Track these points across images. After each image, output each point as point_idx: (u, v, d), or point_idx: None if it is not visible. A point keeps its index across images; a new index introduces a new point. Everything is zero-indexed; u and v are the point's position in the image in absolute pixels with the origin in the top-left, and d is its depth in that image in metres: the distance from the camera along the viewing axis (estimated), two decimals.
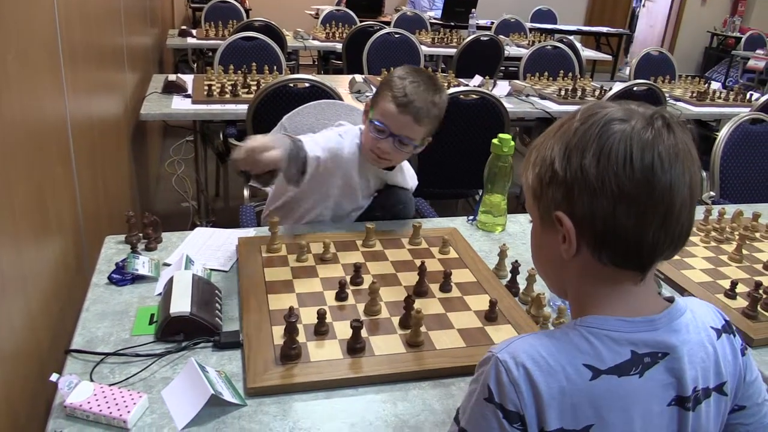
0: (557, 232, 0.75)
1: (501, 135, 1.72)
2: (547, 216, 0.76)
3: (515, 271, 1.46)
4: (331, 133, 1.69)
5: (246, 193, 2.43)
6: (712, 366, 0.78)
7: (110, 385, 1.03)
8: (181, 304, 1.18)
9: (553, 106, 3.49)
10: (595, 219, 0.71)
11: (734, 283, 1.47)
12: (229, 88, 3.06)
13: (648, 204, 0.68)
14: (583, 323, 0.73)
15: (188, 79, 3.32)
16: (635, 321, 0.74)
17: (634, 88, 3.39)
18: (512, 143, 1.71)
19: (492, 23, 6.58)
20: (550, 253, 0.78)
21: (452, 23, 6.35)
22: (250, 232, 1.67)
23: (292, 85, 2.56)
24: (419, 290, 1.39)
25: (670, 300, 0.79)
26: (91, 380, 1.05)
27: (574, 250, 0.74)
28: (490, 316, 1.29)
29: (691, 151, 0.72)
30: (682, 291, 1.49)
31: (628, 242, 0.70)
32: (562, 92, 3.68)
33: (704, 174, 2.76)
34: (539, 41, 5.71)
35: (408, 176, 1.83)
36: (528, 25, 6.74)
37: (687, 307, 0.79)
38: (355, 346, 1.16)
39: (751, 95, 4.10)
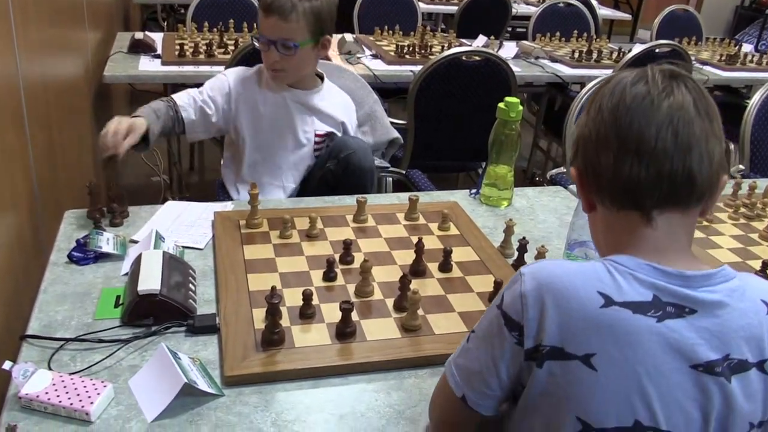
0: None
1: (508, 98, 1.70)
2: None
3: (523, 249, 1.46)
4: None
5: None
6: (755, 339, 0.78)
7: (71, 374, 1.03)
8: (151, 283, 1.18)
9: (565, 70, 3.47)
10: (587, 166, 0.84)
11: (765, 264, 1.47)
12: (204, 47, 3.03)
13: (618, 141, 0.79)
14: (609, 259, 0.80)
15: (157, 37, 3.27)
16: (666, 270, 0.77)
17: (656, 50, 3.36)
18: (520, 108, 1.70)
19: None
20: (589, 221, 0.90)
21: None
22: (227, 205, 1.67)
23: None
24: (416, 269, 1.39)
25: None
26: (50, 368, 1.05)
27: (586, 202, 0.86)
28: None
29: (693, 102, 0.80)
30: None
31: (615, 180, 0.80)
32: (576, 54, 3.66)
33: (732, 146, 2.76)
34: None
35: (350, 111, 1.90)
36: None
37: (737, 276, 0.81)
38: (344, 331, 1.16)
39: None
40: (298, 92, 1.87)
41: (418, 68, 2.79)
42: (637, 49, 3.44)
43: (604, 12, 5.76)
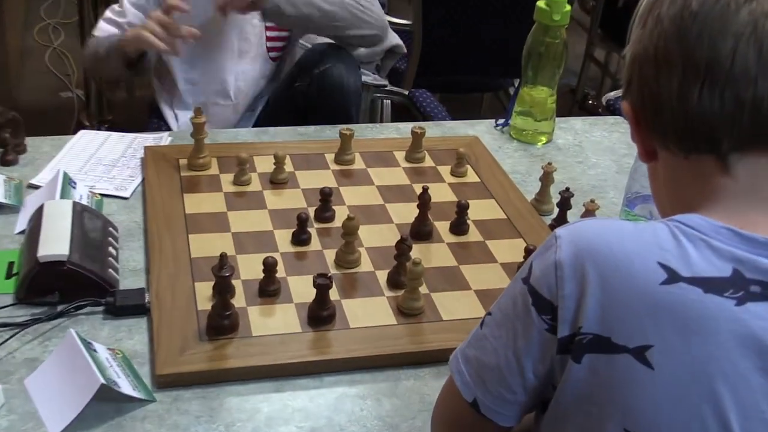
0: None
1: None
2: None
3: (565, 203, 1.45)
4: None
5: None
6: None
7: None
8: (56, 246, 1.17)
9: None
10: (644, 97, 0.83)
11: None
12: None
13: (683, 60, 0.78)
14: (675, 219, 0.79)
15: None
16: (752, 237, 0.76)
17: None
18: (568, 7, 1.67)
19: None
20: (651, 174, 0.91)
21: None
22: (162, 138, 1.65)
23: None
24: (419, 230, 1.39)
25: None
26: None
27: (641, 148, 0.87)
28: None
29: None
30: None
31: (681, 115, 0.80)
32: None
33: None
34: None
35: (327, 4, 1.85)
36: None
37: None
38: (320, 314, 1.16)
39: None
40: None
41: None
42: None
43: None
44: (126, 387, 1.02)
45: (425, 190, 1.39)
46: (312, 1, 1.79)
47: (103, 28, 1.89)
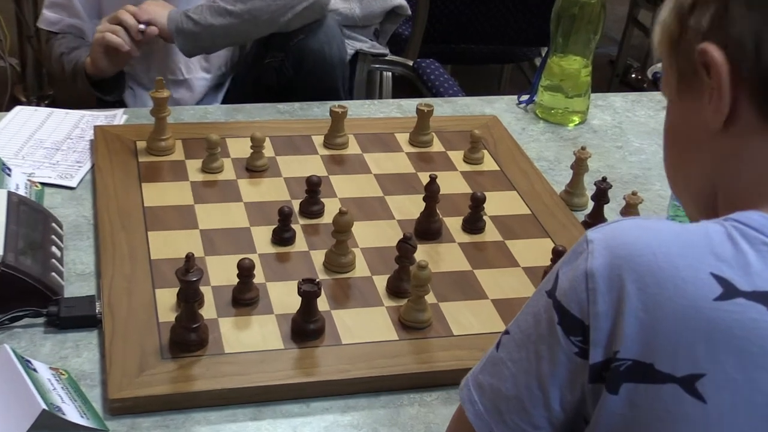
0: (701, 93, 0.81)
1: None
2: (688, 68, 0.83)
3: (602, 195, 1.45)
4: None
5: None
6: None
7: None
8: None
9: None
10: (761, 44, 0.76)
11: None
12: None
13: None
14: (733, 218, 0.77)
15: None
16: None
17: None
18: None
19: None
20: (690, 136, 0.86)
21: None
22: (116, 115, 1.65)
23: None
24: (426, 228, 1.39)
25: None
26: None
27: (726, 106, 0.79)
28: None
29: None
30: None
31: None
32: None
33: None
34: None
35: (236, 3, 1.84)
36: None
37: None
38: (306, 328, 1.17)
39: None
40: None
41: None
42: None
43: None
44: (72, 414, 1.01)
45: (433, 179, 1.39)
46: (217, 6, 1.79)
47: (50, 19, 1.94)
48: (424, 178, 1.45)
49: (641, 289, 0.75)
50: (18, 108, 1.64)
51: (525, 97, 1.84)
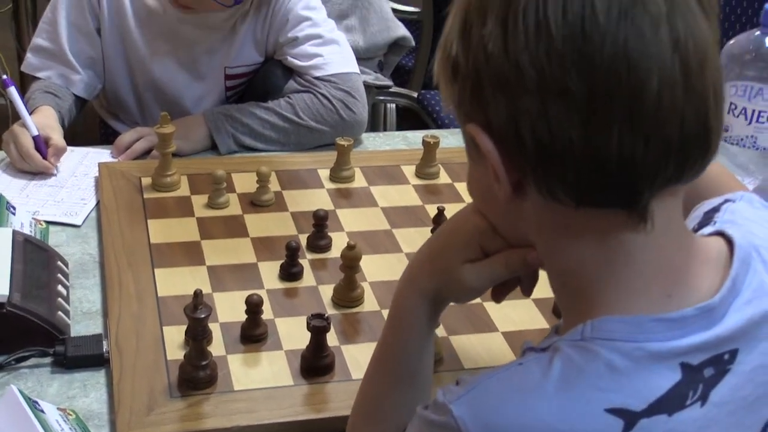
0: (484, 160, 0.79)
1: None
2: (468, 139, 0.81)
3: None
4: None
5: None
6: None
7: None
8: None
9: None
10: (521, 130, 0.74)
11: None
12: None
13: (590, 89, 0.72)
14: (600, 333, 0.76)
15: None
16: (683, 316, 0.75)
17: None
18: None
19: None
20: (489, 197, 0.83)
21: None
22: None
23: None
24: None
25: (724, 236, 0.82)
26: None
27: (507, 187, 0.78)
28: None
29: None
30: None
31: (584, 162, 0.73)
32: None
33: None
34: None
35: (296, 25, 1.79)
36: None
37: (750, 244, 0.82)
38: (316, 364, 1.16)
39: None
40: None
41: None
42: None
43: None
44: None
45: (441, 212, 1.39)
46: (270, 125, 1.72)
47: (33, 65, 1.81)
48: (432, 210, 1.44)
49: None
50: None
51: None
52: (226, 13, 1.74)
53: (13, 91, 1.62)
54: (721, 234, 0.83)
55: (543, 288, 1.32)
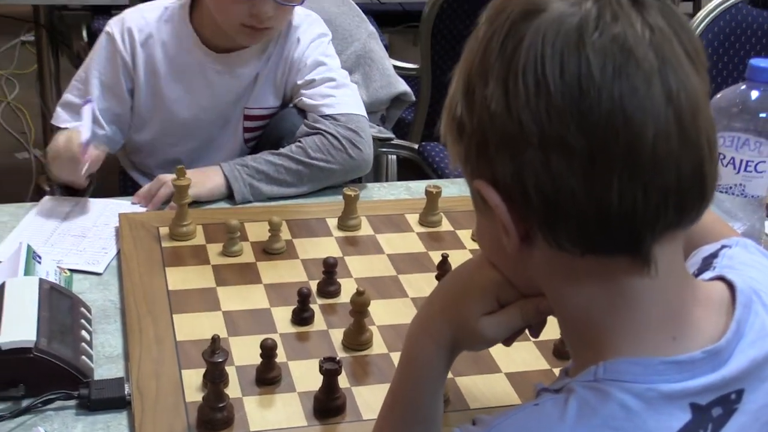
0: (494, 216, 0.80)
1: None
2: (476, 194, 0.83)
3: None
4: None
5: None
6: None
7: None
8: (20, 332, 1.18)
9: None
10: (525, 184, 0.75)
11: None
12: None
13: (589, 143, 0.73)
14: (612, 374, 0.76)
15: None
16: (692, 359, 0.76)
17: None
18: None
19: None
20: (498, 248, 0.84)
21: None
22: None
23: None
24: None
25: (725, 281, 0.83)
26: None
27: (516, 239, 0.79)
28: (567, 349, 1.30)
29: (678, 41, 0.75)
30: None
31: (587, 211, 0.74)
32: None
33: None
34: None
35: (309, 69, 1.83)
36: None
37: (750, 288, 0.82)
38: (328, 405, 1.17)
39: None
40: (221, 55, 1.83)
41: None
42: None
43: None
44: None
45: (444, 258, 1.40)
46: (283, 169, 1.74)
47: (63, 118, 1.81)
48: (435, 256, 1.46)
49: None
50: (46, 198, 1.65)
51: None
52: (255, 59, 1.81)
53: (87, 108, 1.67)
54: (721, 278, 0.84)
55: (548, 328, 1.34)
